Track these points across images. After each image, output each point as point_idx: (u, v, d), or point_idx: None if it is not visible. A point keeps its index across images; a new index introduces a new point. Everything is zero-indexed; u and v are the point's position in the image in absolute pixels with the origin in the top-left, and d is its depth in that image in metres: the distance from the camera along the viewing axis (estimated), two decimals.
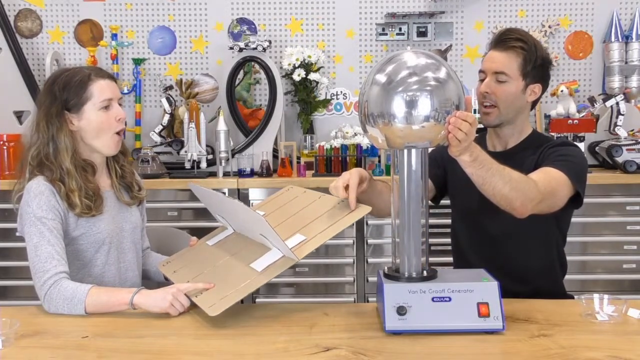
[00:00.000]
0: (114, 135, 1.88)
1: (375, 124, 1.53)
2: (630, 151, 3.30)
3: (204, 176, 3.33)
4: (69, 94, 1.84)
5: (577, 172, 1.85)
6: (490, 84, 1.93)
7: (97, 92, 1.85)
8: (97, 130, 1.86)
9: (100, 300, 1.69)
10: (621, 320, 1.59)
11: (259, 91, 3.79)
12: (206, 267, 1.76)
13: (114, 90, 1.89)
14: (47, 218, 1.77)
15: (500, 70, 1.92)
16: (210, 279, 1.69)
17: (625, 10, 3.68)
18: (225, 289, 1.59)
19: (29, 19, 3.72)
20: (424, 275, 1.59)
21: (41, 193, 1.80)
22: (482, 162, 1.63)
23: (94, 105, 1.84)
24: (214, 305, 1.55)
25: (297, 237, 1.65)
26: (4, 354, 1.45)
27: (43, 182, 1.82)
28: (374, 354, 1.42)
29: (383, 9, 3.71)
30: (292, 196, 1.90)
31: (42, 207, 1.78)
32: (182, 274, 1.78)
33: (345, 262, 3.28)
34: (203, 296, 1.62)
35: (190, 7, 3.73)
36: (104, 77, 1.88)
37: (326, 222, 1.65)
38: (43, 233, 1.75)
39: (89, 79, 1.85)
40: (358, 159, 3.34)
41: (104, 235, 1.88)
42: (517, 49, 1.92)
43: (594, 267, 3.29)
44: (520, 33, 1.96)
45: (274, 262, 1.61)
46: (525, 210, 1.73)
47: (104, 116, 1.86)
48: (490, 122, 1.96)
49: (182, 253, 1.99)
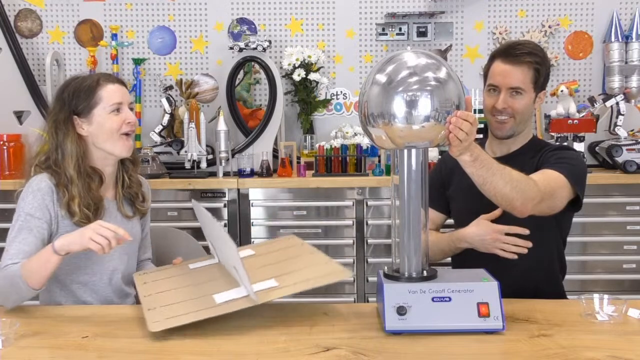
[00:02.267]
0: (122, 136, 1.89)
1: (376, 124, 1.53)
2: (630, 151, 3.30)
3: (204, 176, 3.32)
4: (78, 100, 1.88)
5: (577, 175, 1.86)
6: (507, 99, 1.94)
7: (107, 96, 1.88)
8: (108, 133, 1.87)
9: (31, 265, 1.70)
10: (621, 320, 1.59)
11: (259, 91, 3.79)
12: (174, 286, 1.74)
13: (123, 94, 1.92)
14: (33, 217, 1.80)
15: (516, 85, 1.93)
16: (172, 298, 1.65)
17: (625, 10, 3.68)
18: (178, 310, 1.57)
19: (29, 19, 3.72)
20: (424, 275, 1.59)
21: (39, 190, 1.82)
22: (482, 161, 1.63)
23: (103, 109, 1.87)
24: (158, 322, 1.52)
25: (269, 282, 1.62)
26: (4, 354, 1.45)
27: (45, 180, 1.84)
28: (374, 354, 1.42)
29: (383, 9, 3.71)
30: (288, 244, 1.89)
31: (34, 204, 1.81)
32: (150, 287, 1.76)
33: (345, 262, 3.27)
34: (156, 310, 1.58)
35: (190, 7, 3.73)
36: (113, 81, 1.91)
37: (303, 276, 1.62)
38: (22, 229, 1.79)
39: (98, 84, 1.88)
40: (358, 159, 3.34)
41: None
42: (531, 64, 1.93)
43: (594, 267, 3.29)
44: (531, 46, 1.97)
45: (235, 298, 1.57)
46: (526, 210, 1.73)
47: (115, 119, 1.88)
48: (505, 133, 1.97)
49: (161, 269, 1.98)
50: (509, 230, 1.83)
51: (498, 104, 1.94)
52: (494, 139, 2.03)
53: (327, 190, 3.25)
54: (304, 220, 3.26)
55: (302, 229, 3.26)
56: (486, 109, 2.00)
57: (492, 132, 2.01)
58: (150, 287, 1.73)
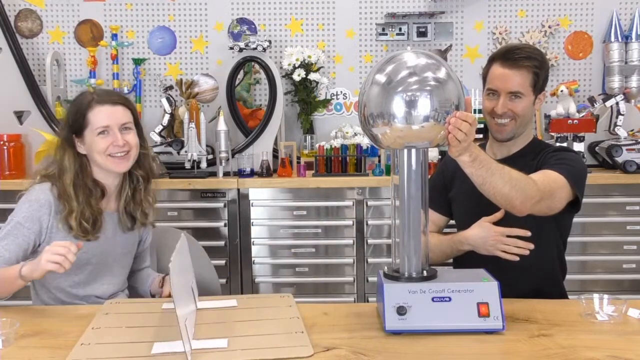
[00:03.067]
0: (109, 157, 1.89)
1: (375, 124, 1.53)
2: (630, 151, 3.29)
3: (204, 176, 3.32)
4: (74, 121, 1.91)
5: (576, 176, 1.87)
6: (506, 103, 1.95)
7: (94, 119, 1.89)
8: (97, 154, 1.89)
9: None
10: (621, 320, 1.59)
11: (259, 91, 3.79)
12: (129, 323, 1.64)
13: (113, 116, 1.90)
14: (23, 226, 1.83)
15: (515, 90, 1.94)
16: (113, 337, 1.55)
17: (625, 10, 3.68)
18: (110, 352, 1.46)
19: (29, 19, 3.72)
20: (424, 275, 1.59)
21: (36, 201, 1.86)
22: (481, 161, 1.63)
23: (92, 132, 1.89)
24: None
25: (220, 341, 1.48)
26: (4, 354, 1.45)
27: (46, 191, 1.88)
28: (374, 354, 1.42)
29: (383, 9, 3.71)
30: (276, 303, 1.78)
31: (26, 214, 1.84)
32: (106, 319, 1.67)
33: (345, 262, 3.28)
34: (89, 346, 1.48)
35: (190, 7, 3.73)
36: (104, 103, 1.90)
37: (259, 343, 1.48)
38: (9, 235, 1.82)
39: (88, 107, 1.90)
40: (358, 159, 3.34)
41: (89, 256, 1.91)
42: (530, 68, 1.93)
43: (594, 267, 3.29)
44: (529, 50, 1.98)
45: (169, 352, 1.43)
46: (525, 209, 1.74)
47: (101, 142, 1.88)
48: (506, 136, 1.98)
49: (135, 301, 1.94)
50: (510, 233, 1.83)
51: (498, 109, 1.95)
52: (495, 141, 2.03)
53: (327, 190, 3.25)
54: (304, 220, 3.26)
55: (302, 229, 3.26)
56: (486, 111, 2.01)
57: (493, 135, 2.01)
58: (106, 320, 1.66)
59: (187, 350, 1.35)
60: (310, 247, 3.27)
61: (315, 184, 3.26)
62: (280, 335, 1.52)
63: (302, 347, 1.45)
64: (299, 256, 3.28)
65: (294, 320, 1.62)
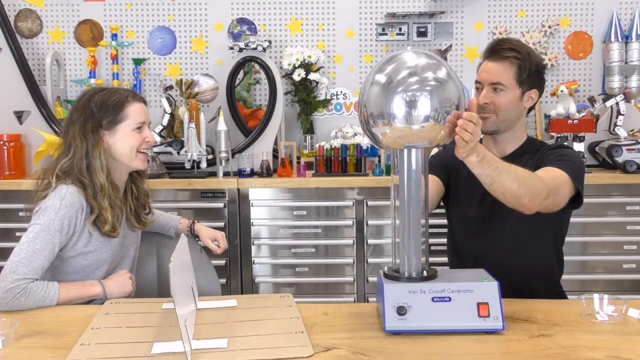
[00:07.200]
0: (139, 153, 1.95)
1: (375, 124, 1.53)
2: (630, 151, 3.30)
3: (204, 176, 3.33)
4: (105, 113, 1.91)
5: (577, 172, 1.87)
6: (488, 95, 1.94)
7: (133, 114, 1.94)
8: (127, 148, 1.93)
9: (70, 295, 1.80)
10: (621, 320, 1.59)
11: (259, 91, 3.79)
12: (129, 323, 1.63)
13: (147, 114, 2.00)
14: (59, 232, 1.81)
15: (496, 80, 1.93)
16: (113, 337, 1.55)
17: (625, 10, 3.68)
18: (110, 352, 1.46)
19: (29, 19, 3.72)
20: (424, 275, 1.59)
21: (71, 206, 1.84)
22: (489, 161, 1.63)
23: (128, 126, 1.93)
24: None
25: (220, 341, 1.48)
26: (4, 354, 1.45)
27: (76, 194, 1.86)
28: (374, 354, 1.42)
29: (383, 9, 3.71)
30: (276, 303, 1.76)
31: (63, 221, 1.82)
32: (106, 319, 1.66)
33: (345, 262, 3.28)
34: (89, 347, 1.48)
35: (190, 7, 3.73)
36: (139, 100, 1.98)
37: (258, 344, 1.47)
38: (47, 243, 1.80)
39: (127, 101, 1.94)
40: (358, 159, 3.34)
41: (108, 255, 1.94)
42: (510, 59, 1.93)
43: (594, 267, 3.28)
44: (513, 42, 1.97)
45: (169, 352, 1.43)
46: (533, 206, 1.73)
47: (137, 137, 1.94)
48: (487, 128, 1.97)
49: (137, 301, 1.90)
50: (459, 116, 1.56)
51: (479, 99, 1.94)
52: (489, 141, 2.02)
53: (327, 190, 3.25)
54: (304, 220, 3.26)
55: (302, 229, 3.26)
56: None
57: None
58: (106, 320, 1.65)
59: (187, 351, 1.36)
60: (310, 247, 3.27)
61: (315, 184, 3.26)
62: (280, 336, 1.52)
63: (302, 347, 1.44)
64: (299, 256, 3.28)
65: (294, 320, 1.62)
